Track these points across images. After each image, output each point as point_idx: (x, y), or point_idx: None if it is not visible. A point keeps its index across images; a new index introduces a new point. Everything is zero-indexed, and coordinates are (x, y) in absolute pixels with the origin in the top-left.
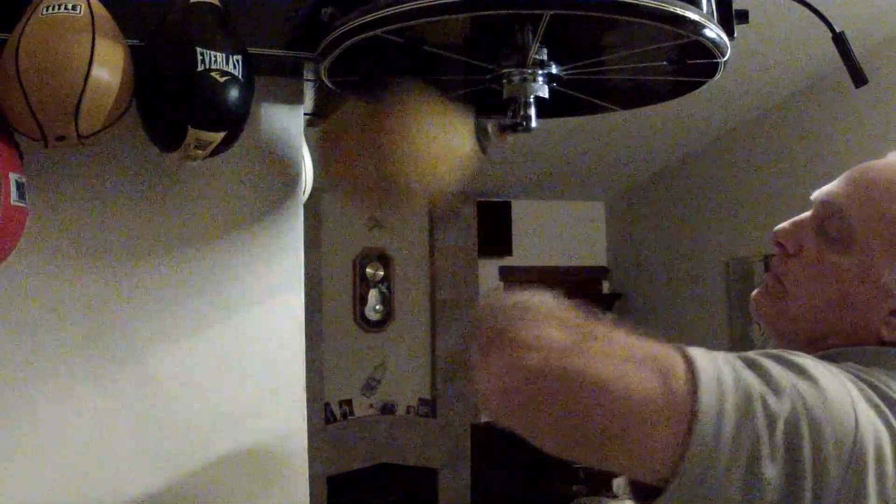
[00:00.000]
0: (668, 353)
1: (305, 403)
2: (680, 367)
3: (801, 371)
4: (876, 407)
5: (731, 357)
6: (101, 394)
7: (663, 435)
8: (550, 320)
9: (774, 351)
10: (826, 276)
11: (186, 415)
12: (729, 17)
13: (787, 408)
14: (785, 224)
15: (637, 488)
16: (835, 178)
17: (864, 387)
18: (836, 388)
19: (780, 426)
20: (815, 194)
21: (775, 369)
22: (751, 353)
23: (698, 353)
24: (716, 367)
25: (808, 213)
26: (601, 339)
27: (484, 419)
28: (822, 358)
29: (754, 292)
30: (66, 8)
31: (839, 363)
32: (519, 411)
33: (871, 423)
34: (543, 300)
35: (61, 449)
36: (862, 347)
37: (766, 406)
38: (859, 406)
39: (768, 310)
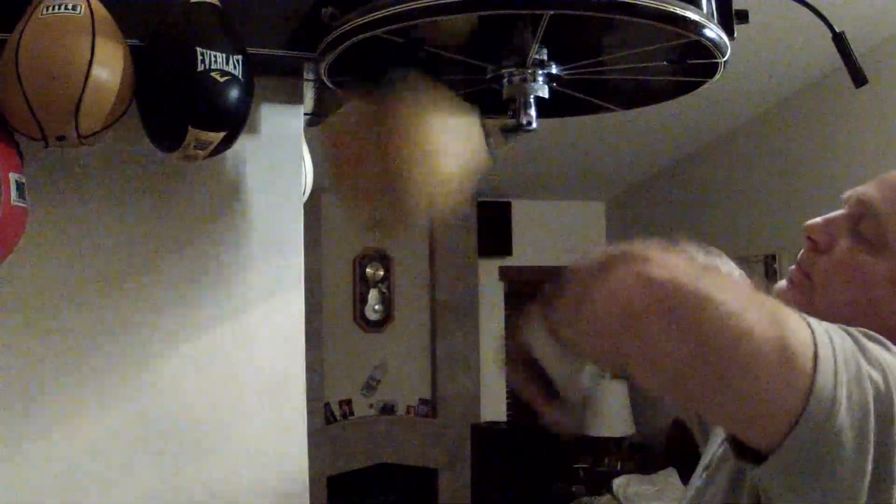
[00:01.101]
0: (785, 309)
1: (305, 403)
2: (800, 323)
3: (886, 346)
4: None
5: (833, 326)
6: (101, 393)
7: (781, 384)
8: (677, 255)
9: (863, 330)
10: (856, 276)
11: (186, 415)
12: (729, 17)
13: (879, 378)
14: (817, 219)
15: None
16: (834, 178)
17: None
18: None
19: (880, 396)
20: (849, 193)
21: (866, 342)
22: (849, 328)
23: (811, 318)
24: (828, 332)
25: (841, 211)
26: (727, 279)
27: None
28: None
29: (779, 284)
30: (66, 8)
31: None
32: (639, 323)
33: None
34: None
35: (62, 448)
36: None
37: (870, 375)
38: None
39: (793, 303)
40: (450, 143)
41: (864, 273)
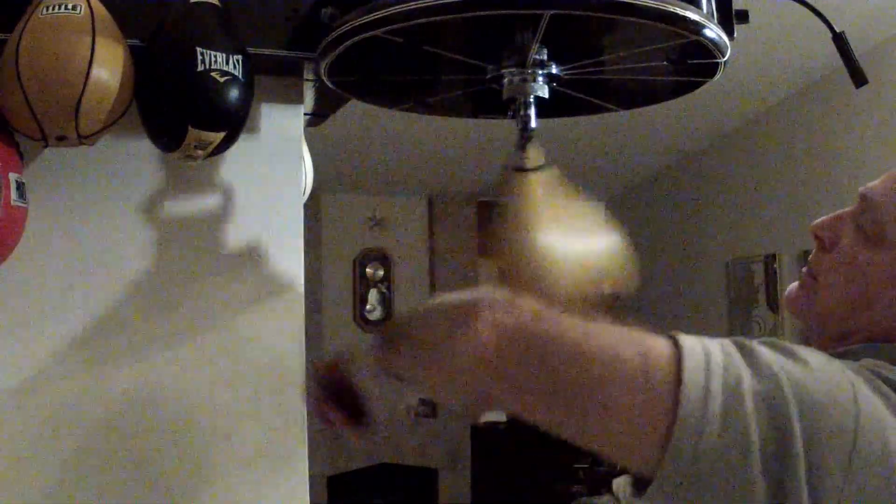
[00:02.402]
0: (649, 332)
1: (305, 403)
2: (661, 340)
3: (791, 354)
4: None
5: (720, 340)
6: (101, 393)
7: (639, 407)
8: (520, 300)
9: (768, 339)
10: (855, 272)
11: (186, 415)
12: (729, 17)
13: (771, 387)
14: (824, 217)
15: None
16: (834, 178)
17: (880, 382)
18: (831, 373)
19: (767, 405)
20: (860, 189)
21: (763, 351)
22: (741, 338)
23: (682, 335)
24: (702, 343)
25: (850, 208)
26: (578, 316)
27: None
28: (835, 356)
29: (790, 286)
30: (66, 8)
31: (858, 359)
32: (497, 369)
33: (879, 416)
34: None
35: (61, 449)
36: (876, 345)
37: (752, 385)
38: (861, 394)
39: (798, 304)
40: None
41: (862, 268)
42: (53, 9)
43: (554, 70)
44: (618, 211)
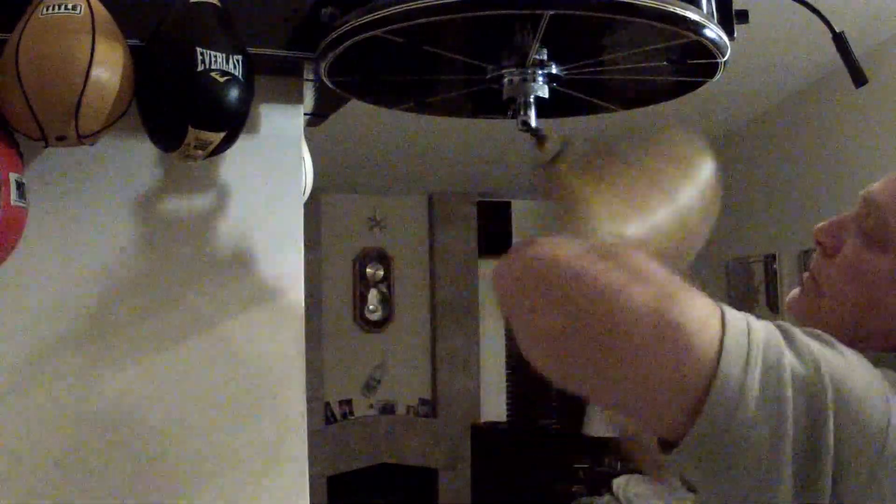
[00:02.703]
0: (690, 292)
1: (305, 403)
2: (706, 303)
3: (830, 344)
4: None
5: (761, 319)
6: (99, 394)
7: (669, 365)
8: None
9: (808, 329)
10: (860, 276)
11: (186, 414)
12: (729, 17)
13: (811, 372)
14: (825, 222)
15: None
16: (834, 178)
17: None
18: (865, 367)
19: (805, 388)
20: (861, 192)
21: (804, 336)
22: (783, 322)
23: (726, 305)
24: (746, 317)
25: (851, 212)
26: (627, 259)
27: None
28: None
29: (792, 292)
30: (66, 8)
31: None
32: (515, 297)
33: None
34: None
35: (61, 449)
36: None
37: (792, 365)
38: (893, 395)
39: (801, 310)
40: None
41: (867, 272)
42: (53, 9)
43: (554, 70)
44: None
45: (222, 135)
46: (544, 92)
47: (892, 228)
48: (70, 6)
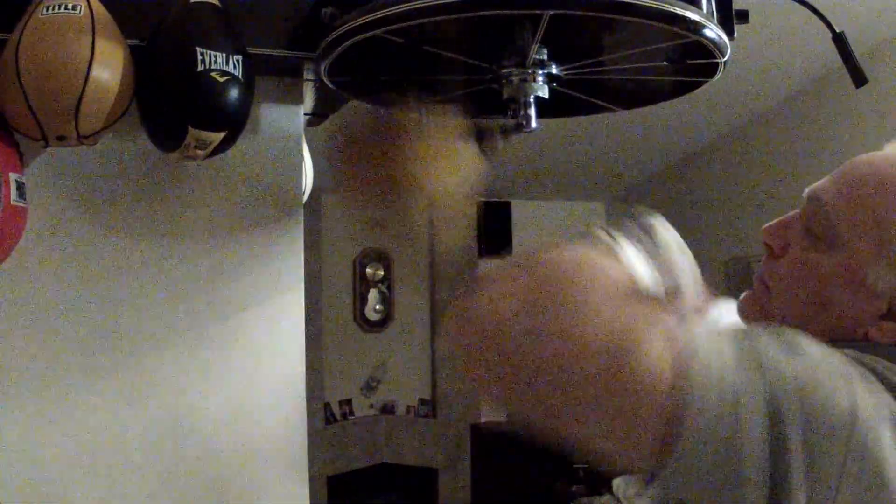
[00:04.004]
0: (653, 317)
1: (305, 403)
2: (662, 333)
3: (794, 347)
4: (884, 387)
5: (725, 327)
6: (101, 393)
7: (647, 409)
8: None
9: (774, 328)
10: (809, 276)
11: (186, 415)
12: (729, 17)
13: (769, 382)
14: (772, 223)
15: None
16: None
17: (866, 371)
18: (830, 362)
19: (766, 404)
20: (806, 190)
21: (767, 343)
22: (749, 328)
23: (685, 324)
24: (707, 338)
25: (796, 211)
26: (591, 290)
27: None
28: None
29: (741, 295)
30: (66, 8)
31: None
32: (483, 371)
33: (877, 403)
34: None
35: (60, 448)
36: (853, 344)
37: (754, 385)
38: (856, 385)
39: (751, 313)
40: (451, 155)
41: (816, 272)
42: (53, 9)
43: (554, 70)
44: (618, 211)
45: (222, 135)
46: (544, 92)
47: (839, 226)
48: (70, 6)
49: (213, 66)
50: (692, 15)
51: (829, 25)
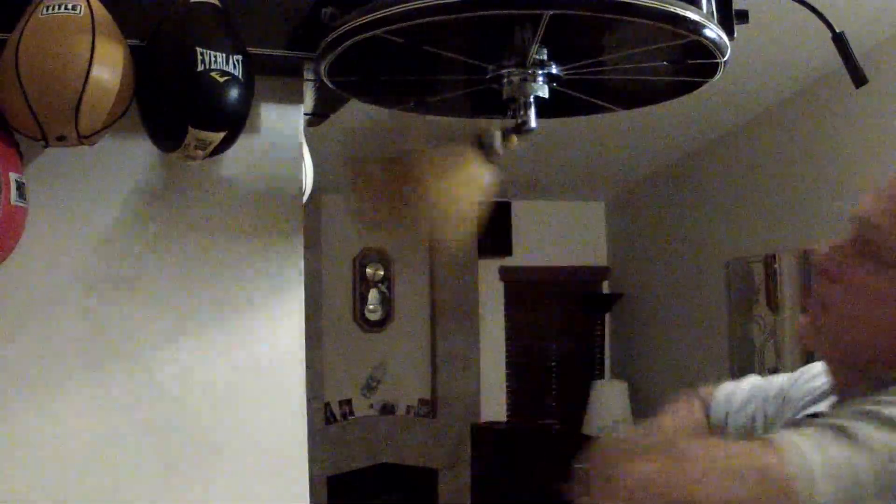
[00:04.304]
0: (759, 453)
1: (305, 403)
2: (768, 465)
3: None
4: None
5: (821, 431)
6: (101, 393)
7: None
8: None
9: (868, 406)
10: (866, 299)
11: (186, 415)
12: (729, 17)
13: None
14: (823, 248)
15: None
16: (834, 179)
17: None
18: None
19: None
20: (852, 213)
21: (864, 432)
22: (843, 416)
23: (789, 444)
24: (807, 452)
25: (846, 235)
26: (694, 458)
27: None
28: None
29: (800, 318)
30: (66, 8)
31: None
32: None
33: None
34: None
35: (61, 448)
36: None
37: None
38: None
39: (811, 337)
40: (458, 185)
41: (874, 295)
42: (53, 9)
43: (554, 70)
44: (618, 211)
45: (222, 135)
46: (544, 92)
47: (889, 245)
48: (70, 6)
49: (213, 66)
50: (692, 15)
51: (829, 25)
